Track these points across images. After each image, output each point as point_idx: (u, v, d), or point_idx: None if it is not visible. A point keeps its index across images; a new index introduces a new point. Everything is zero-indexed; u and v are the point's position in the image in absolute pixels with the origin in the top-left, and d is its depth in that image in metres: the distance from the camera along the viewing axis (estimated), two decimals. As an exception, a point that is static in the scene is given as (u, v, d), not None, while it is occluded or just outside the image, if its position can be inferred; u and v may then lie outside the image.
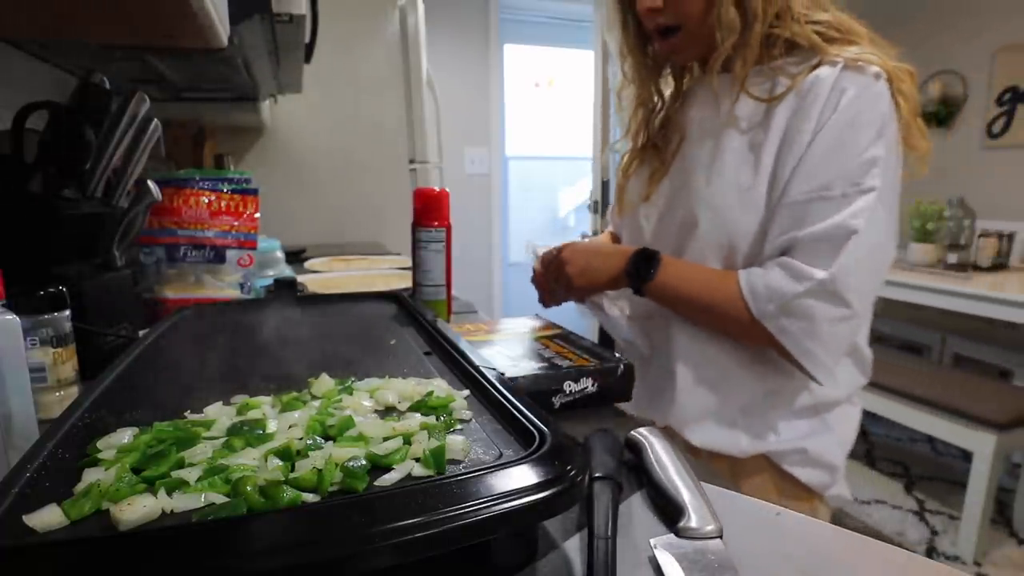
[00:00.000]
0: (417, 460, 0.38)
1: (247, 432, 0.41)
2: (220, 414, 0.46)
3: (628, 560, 0.37)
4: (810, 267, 0.72)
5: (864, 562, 0.38)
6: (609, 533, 0.37)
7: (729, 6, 0.75)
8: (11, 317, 0.47)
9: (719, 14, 0.76)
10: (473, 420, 0.45)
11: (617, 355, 0.68)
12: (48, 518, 0.31)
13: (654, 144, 0.92)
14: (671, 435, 0.64)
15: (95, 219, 0.77)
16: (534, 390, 0.61)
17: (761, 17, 0.75)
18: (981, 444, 1.85)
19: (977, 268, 2.36)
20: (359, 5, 2.22)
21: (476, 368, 0.53)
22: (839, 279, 0.70)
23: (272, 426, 0.43)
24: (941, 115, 2.92)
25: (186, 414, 0.46)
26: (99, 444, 0.39)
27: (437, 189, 0.89)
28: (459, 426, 0.44)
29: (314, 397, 0.50)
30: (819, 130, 0.72)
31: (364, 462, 0.37)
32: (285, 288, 0.93)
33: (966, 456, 2.01)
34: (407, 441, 0.40)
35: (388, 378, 0.54)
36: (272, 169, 2.16)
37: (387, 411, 0.48)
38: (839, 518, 1.79)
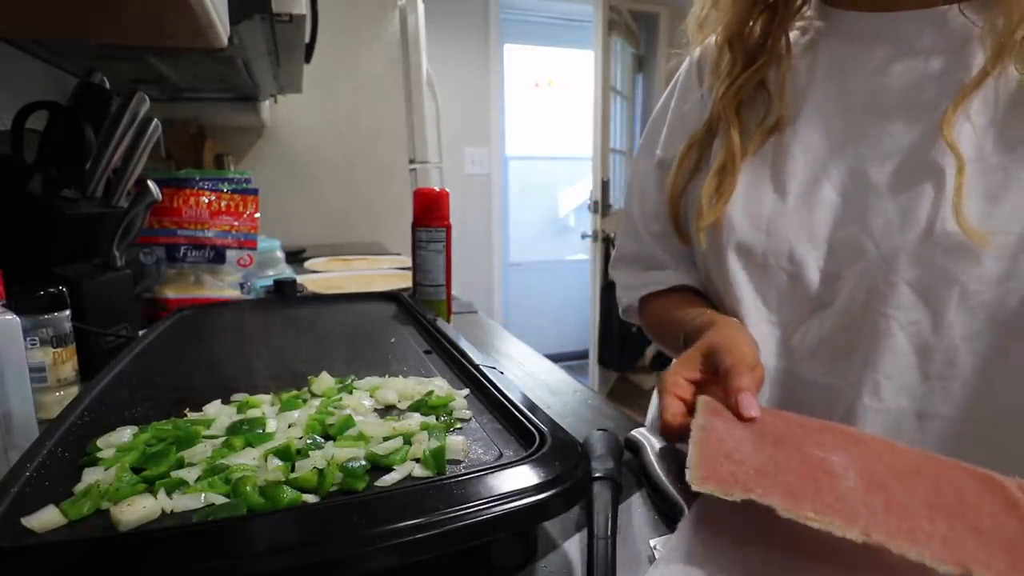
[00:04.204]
0: (417, 460, 0.38)
1: (247, 431, 0.41)
2: (219, 413, 0.46)
3: (628, 560, 0.37)
4: None
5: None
6: (609, 533, 0.37)
7: None
8: (11, 317, 0.47)
9: None
10: (473, 420, 0.45)
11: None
12: (47, 519, 0.31)
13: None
14: None
15: (95, 219, 0.77)
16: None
17: None
18: None
19: None
20: (359, 5, 2.21)
21: (476, 367, 0.53)
22: None
23: (272, 425, 0.43)
24: None
25: (185, 412, 0.46)
26: (99, 443, 0.40)
27: (437, 189, 0.89)
28: (459, 426, 0.44)
29: (314, 396, 0.50)
30: None
31: (364, 462, 0.37)
32: (285, 288, 0.93)
33: None
34: (407, 441, 0.40)
35: (388, 377, 0.54)
36: (272, 169, 2.16)
37: (387, 410, 0.48)
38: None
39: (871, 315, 0.53)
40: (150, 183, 0.85)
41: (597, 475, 0.43)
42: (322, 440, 0.40)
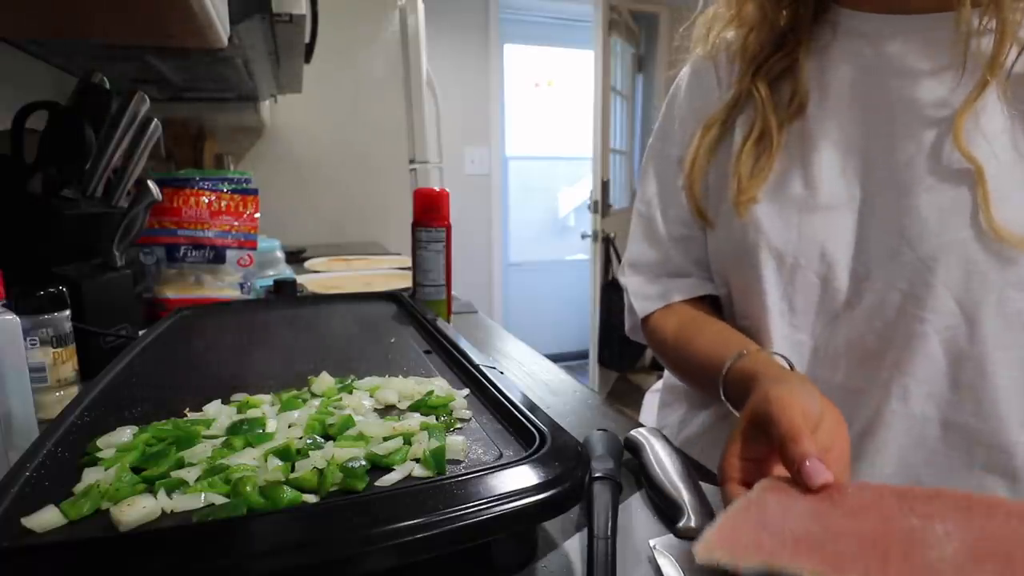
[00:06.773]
0: (417, 460, 0.38)
1: (247, 431, 0.41)
2: (219, 413, 0.46)
3: (628, 560, 0.37)
4: None
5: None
6: (609, 533, 0.37)
7: None
8: (11, 317, 0.47)
9: None
10: (473, 419, 0.45)
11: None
12: (47, 519, 0.31)
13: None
14: None
15: (95, 219, 0.77)
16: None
17: None
18: None
19: None
20: (359, 5, 2.22)
21: (476, 367, 0.53)
22: None
23: (272, 425, 0.43)
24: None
25: (185, 412, 0.46)
26: (99, 443, 0.39)
27: (437, 189, 0.89)
28: (459, 426, 0.44)
29: (314, 396, 0.50)
30: None
31: (364, 462, 0.37)
32: (285, 288, 0.93)
33: None
34: (407, 441, 0.40)
35: (388, 377, 0.54)
36: (272, 169, 2.16)
37: (387, 410, 0.48)
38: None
39: (905, 318, 0.51)
40: (150, 183, 0.85)
41: (597, 475, 0.43)
42: (322, 440, 0.40)
